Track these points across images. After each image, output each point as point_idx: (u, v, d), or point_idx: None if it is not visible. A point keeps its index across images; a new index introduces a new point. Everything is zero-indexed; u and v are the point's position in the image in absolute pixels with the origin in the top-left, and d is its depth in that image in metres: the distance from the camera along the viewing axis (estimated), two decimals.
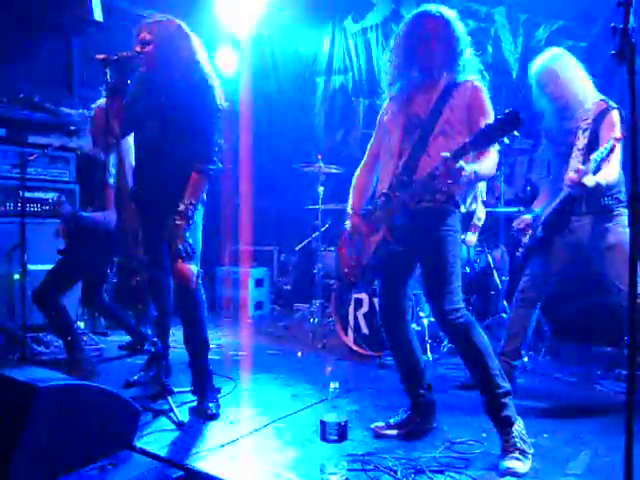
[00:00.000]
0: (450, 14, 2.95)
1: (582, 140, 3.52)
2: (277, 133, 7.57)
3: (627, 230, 3.26)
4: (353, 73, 7.42)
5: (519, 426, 2.74)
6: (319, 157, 5.78)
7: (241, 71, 7.23)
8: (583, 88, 3.58)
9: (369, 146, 3.36)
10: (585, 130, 3.52)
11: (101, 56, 3.11)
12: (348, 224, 3.18)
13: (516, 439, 2.69)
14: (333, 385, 3.13)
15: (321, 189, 5.80)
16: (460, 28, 2.95)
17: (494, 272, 5.18)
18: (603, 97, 3.58)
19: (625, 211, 3.49)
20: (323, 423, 3.02)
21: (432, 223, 2.86)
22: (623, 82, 1.89)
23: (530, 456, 2.67)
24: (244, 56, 7.26)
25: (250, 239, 7.10)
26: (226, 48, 7.20)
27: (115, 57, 3.09)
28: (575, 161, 3.50)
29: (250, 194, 6.76)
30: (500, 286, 5.14)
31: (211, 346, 3.54)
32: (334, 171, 5.94)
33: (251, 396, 3.77)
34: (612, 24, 1.88)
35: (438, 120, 2.86)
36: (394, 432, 3.11)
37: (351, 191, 3.32)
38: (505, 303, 5.10)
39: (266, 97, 7.62)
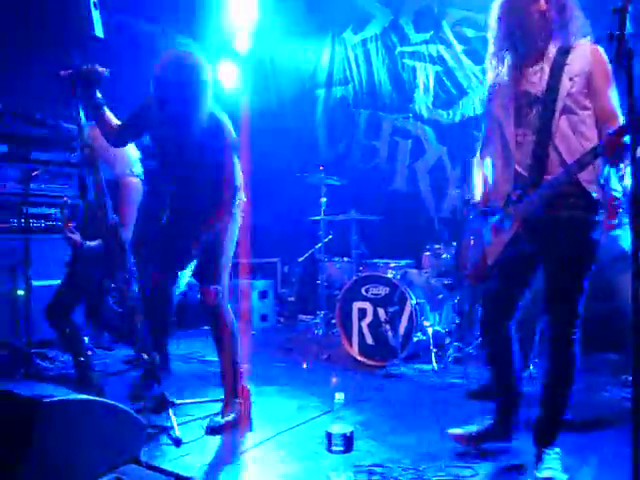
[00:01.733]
0: None
1: None
2: (278, 145, 7.58)
3: None
4: (354, 84, 7.45)
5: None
6: (321, 168, 5.79)
7: (242, 84, 7.26)
8: None
9: (483, 133, 2.99)
10: None
11: (65, 72, 3.17)
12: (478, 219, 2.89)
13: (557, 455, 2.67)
14: (338, 396, 3.11)
15: (323, 200, 5.81)
16: None
17: None
18: None
19: None
20: (329, 434, 3.01)
21: (574, 233, 2.55)
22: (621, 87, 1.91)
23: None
24: (245, 69, 7.28)
25: (253, 251, 7.09)
26: (227, 62, 7.23)
27: (79, 71, 3.14)
28: None
29: (252, 206, 6.76)
30: None
31: (215, 358, 3.53)
32: (336, 182, 5.96)
33: (256, 408, 3.75)
34: (609, 31, 1.89)
35: (557, 95, 2.50)
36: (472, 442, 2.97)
37: (477, 181, 2.99)
38: None
39: (267, 109, 7.64)
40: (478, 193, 2.93)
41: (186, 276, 3.69)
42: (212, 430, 3.26)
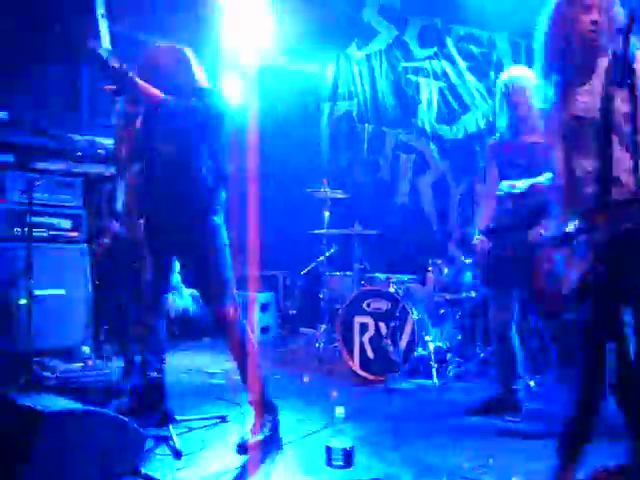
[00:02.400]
0: None
1: None
2: (283, 159, 7.60)
3: None
4: (358, 99, 7.49)
5: None
6: (324, 182, 5.81)
7: (247, 99, 7.29)
8: None
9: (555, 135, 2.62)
10: None
11: (108, 87, 3.17)
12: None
13: None
14: (339, 410, 3.11)
15: (327, 214, 5.82)
16: None
17: None
18: None
19: None
20: (329, 448, 3.00)
21: None
22: None
23: None
24: (250, 84, 7.32)
25: (256, 263, 7.10)
26: (231, 76, 7.26)
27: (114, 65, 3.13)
28: None
29: (256, 218, 6.78)
30: None
31: (217, 370, 3.52)
32: (340, 196, 5.97)
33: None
34: (611, 51, 1.91)
35: (612, 116, 2.22)
36: None
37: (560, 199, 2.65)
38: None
39: (272, 123, 7.67)
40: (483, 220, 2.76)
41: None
42: (241, 449, 3.13)
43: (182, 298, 5.94)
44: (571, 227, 2.41)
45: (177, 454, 3.08)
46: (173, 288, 3.76)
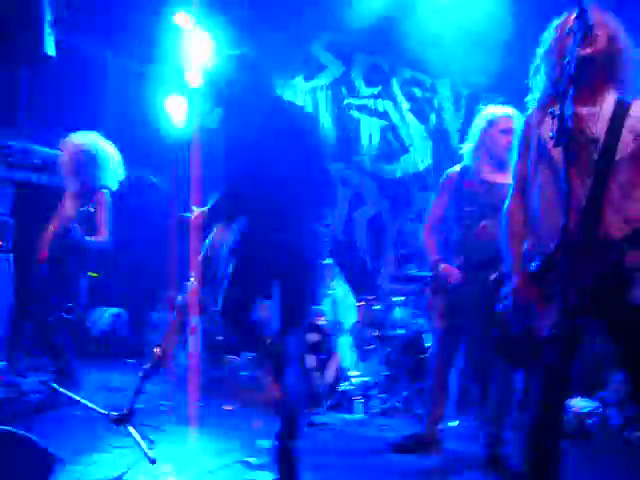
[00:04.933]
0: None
1: None
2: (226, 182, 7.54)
3: None
4: None
5: None
6: None
7: (191, 118, 7.22)
8: None
9: (516, 172, 2.53)
10: None
11: None
12: (512, 285, 2.42)
13: None
14: (261, 442, 3.06)
15: None
16: (624, 36, 2.34)
17: (423, 336, 5.21)
18: None
19: None
20: None
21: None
22: None
23: None
24: (195, 104, 7.27)
25: (184, 285, 6.96)
26: (178, 95, 7.20)
27: None
28: None
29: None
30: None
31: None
32: None
33: (174, 450, 3.64)
34: (551, 109, 1.98)
35: (617, 146, 2.21)
36: None
37: (507, 239, 2.51)
38: None
39: (216, 145, 7.62)
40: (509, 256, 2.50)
41: None
42: None
43: (107, 318, 5.78)
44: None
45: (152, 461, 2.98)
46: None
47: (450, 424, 4.08)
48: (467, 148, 3.95)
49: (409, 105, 6.82)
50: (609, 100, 2.30)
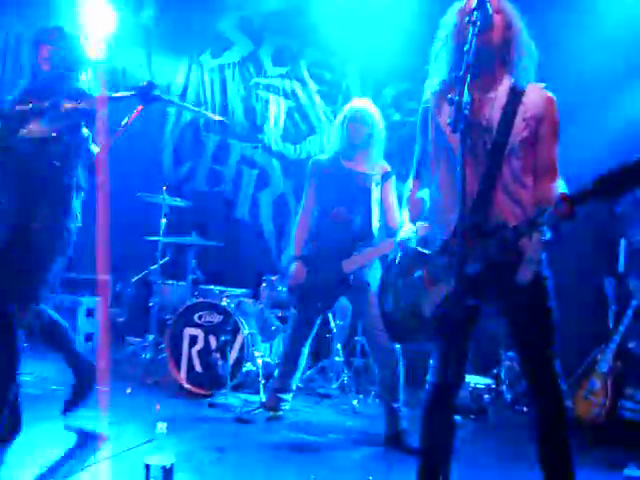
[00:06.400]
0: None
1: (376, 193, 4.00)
2: (120, 161, 7.32)
3: None
4: (206, 108, 7.39)
5: None
6: (164, 188, 5.66)
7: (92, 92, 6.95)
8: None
9: (416, 157, 2.61)
10: (377, 184, 4.00)
11: None
12: (400, 255, 2.52)
13: None
14: (160, 425, 3.02)
15: (163, 221, 5.66)
16: (519, 22, 2.38)
17: (329, 316, 5.29)
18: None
19: None
20: (147, 465, 2.89)
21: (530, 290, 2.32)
22: None
23: None
24: (96, 77, 6.98)
25: (80, 266, 6.74)
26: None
27: None
28: None
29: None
30: (335, 330, 5.27)
31: (32, 380, 3.29)
32: (178, 204, 5.86)
33: (70, 433, 3.54)
34: (449, 96, 2.03)
35: (510, 133, 2.30)
36: None
37: (407, 211, 2.63)
38: (339, 346, 5.24)
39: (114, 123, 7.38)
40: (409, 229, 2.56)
41: None
42: None
43: None
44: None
45: None
46: None
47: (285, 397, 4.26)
48: (328, 139, 4.28)
49: (317, 87, 6.84)
50: (504, 86, 2.36)
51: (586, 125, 4.84)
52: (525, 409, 4.69)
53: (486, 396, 4.79)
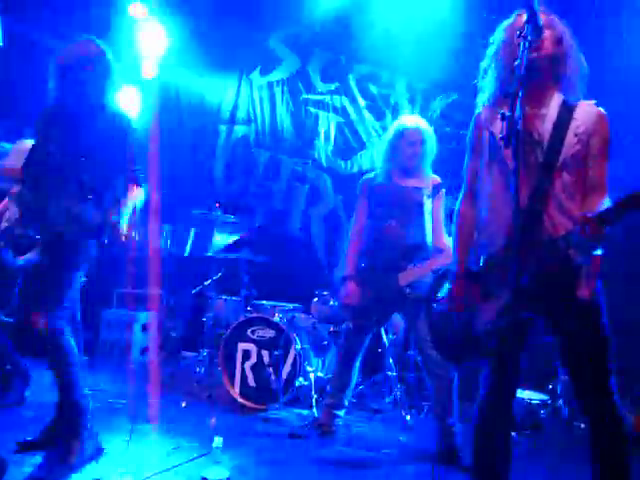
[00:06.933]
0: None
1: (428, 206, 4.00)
2: (175, 177, 7.49)
3: None
4: (256, 124, 7.51)
5: None
6: (217, 205, 5.76)
7: (144, 111, 7.14)
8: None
9: (468, 171, 2.60)
10: (428, 196, 4.01)
11: None
12: (449, 287, 2.51)
13: None
14: (217, 439, 3.07)
15: (217, 238, 5.77)
16: (570, 37, 2.40)
17: (382, 330, 5.27)
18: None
19: None
20: (204, 479, 2.94)
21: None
22: None
23: None
24: (148, 97, 7.18)
25: (139, 282, 6.89)
26: (131, 87, 7.10)
27: None
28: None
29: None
30: (387, 344, 5.25)
31: (91, 392, 3.36)
32: (231, 221, 5.95)
33: (129, 447, 3.61)
34: (501, 111, 2.02)
35: (562, 147, 2.30)
36: None
37: (455, 238, 2.61)
38: (391, 361, 5.21)
39: (168, 139, 7.55)
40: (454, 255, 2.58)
41: None
42: None
43: None
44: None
45: None
46: None
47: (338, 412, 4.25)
48: (379, 156, 4.35)
49: (365, 102, 6.88)
50: (555, 102, 2.38)
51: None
52: (583, 425, 4.57)
53: (542, 411, 4.69)
